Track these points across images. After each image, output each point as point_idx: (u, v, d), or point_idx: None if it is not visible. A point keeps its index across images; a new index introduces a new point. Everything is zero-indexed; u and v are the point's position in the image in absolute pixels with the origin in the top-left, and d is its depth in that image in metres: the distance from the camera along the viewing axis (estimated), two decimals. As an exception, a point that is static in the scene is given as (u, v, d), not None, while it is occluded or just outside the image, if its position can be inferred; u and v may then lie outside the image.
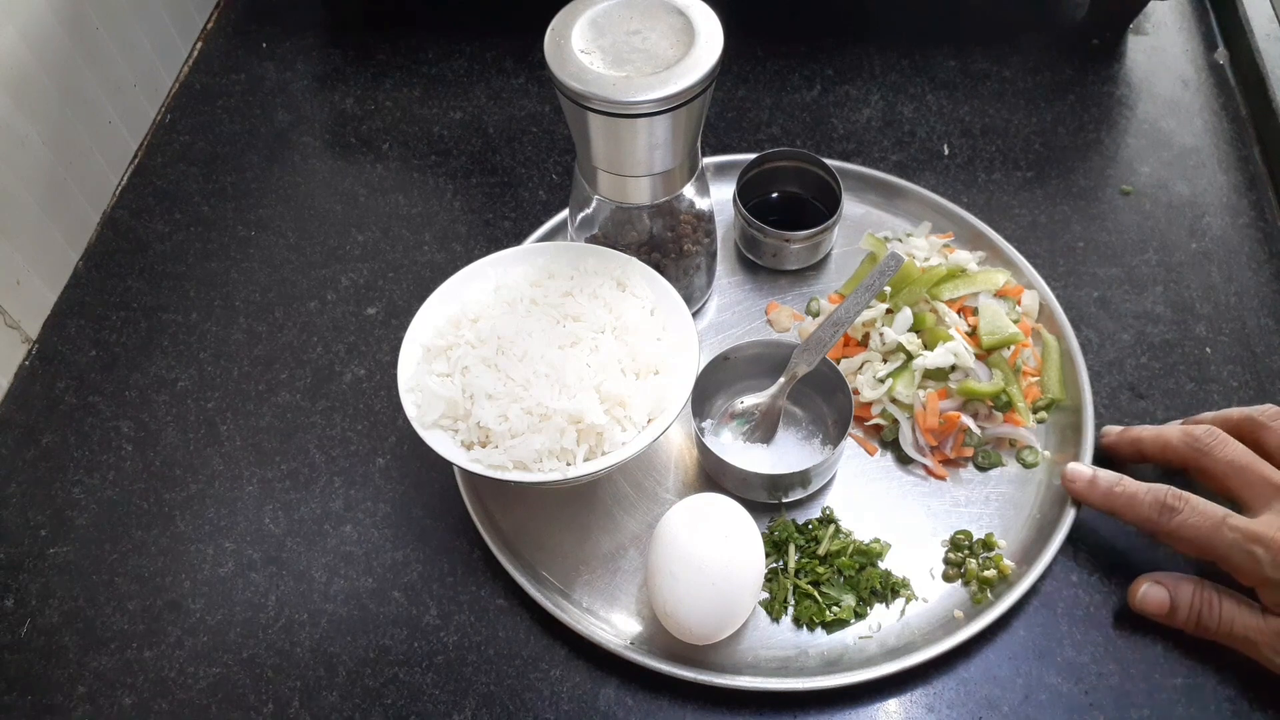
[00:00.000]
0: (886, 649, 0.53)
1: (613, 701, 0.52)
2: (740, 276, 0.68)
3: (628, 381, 0.53)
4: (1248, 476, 0.48)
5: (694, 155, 0.57)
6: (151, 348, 0.67)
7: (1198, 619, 0.50)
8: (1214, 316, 0.65)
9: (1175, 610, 0.50)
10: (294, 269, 0.71)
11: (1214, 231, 0.70)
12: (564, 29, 0.52)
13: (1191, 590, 0.50)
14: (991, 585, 0.54)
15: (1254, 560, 0.46)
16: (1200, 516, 0.48)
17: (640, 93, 0.50)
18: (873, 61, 0.82)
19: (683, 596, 0.49)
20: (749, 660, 0.53)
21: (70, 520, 0.60)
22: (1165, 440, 0.53)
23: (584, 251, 0.59)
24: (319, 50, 0.86)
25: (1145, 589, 0.51)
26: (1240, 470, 0.49)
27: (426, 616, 0.55)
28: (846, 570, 0.55)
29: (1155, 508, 0.49)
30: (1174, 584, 0.51)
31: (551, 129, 0.78)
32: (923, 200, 0.70)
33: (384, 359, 0.66)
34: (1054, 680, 0.52)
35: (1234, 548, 0.46)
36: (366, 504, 0.60)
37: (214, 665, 0.54)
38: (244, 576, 0.57)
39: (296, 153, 0.78)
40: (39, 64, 0.67)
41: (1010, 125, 0.77)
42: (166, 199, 0.76)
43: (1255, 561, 0.46)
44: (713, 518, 0.51)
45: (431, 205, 0.74)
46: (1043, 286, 0.64)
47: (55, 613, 0.56)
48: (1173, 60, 0.81)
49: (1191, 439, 0.51)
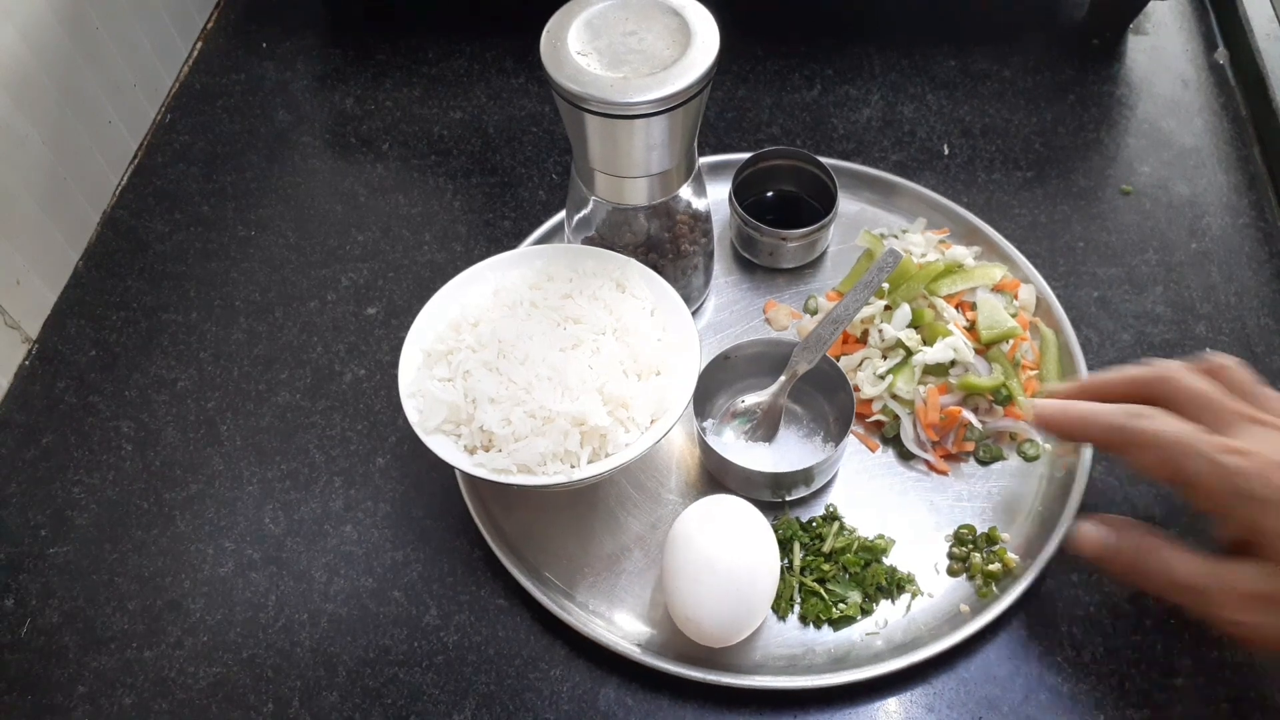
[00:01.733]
0: (893, 645, 0.53)
1: (613, 701, 0.52)
2: (737, 276, 0.68)
3: (630, 383, 0.53)
4: (1216, 407, 0.45)
5: (691, 156, 0.57)
6: (151, 348, 0.67)
7: (1136, 561, 0.46)
8: (1214, 316, 0.65)
9: (1116, 551, 0.46)
10: (294, 269, 0.71)
11: (1214, 231, 0.70)
12: (560, 31, 0.52)
13: (1134, 531, 0.47)
14: (996, 579, 0.54)
15: (1224, 474, 0.41)
16: (1173, 423, 0.44)
17: (637, 94, 0.50)
18: (873, 61, 0.82)
19: (704, 600, 0.49)
20: (756, 659, 0.53)
21: (70, 520, 0.60)
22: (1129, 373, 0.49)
23: (582, 253, 0.59)
24: (319, 50, 0.86)
25: (1085, 525, 0.48)
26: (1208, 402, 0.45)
27: (426, 616, 0.55)
28: (852, 567, 0.55)
29: (1126, 414, 0.45)
30: (1117, 524, 0.47)
31: (551, 129, 0.78)
32: (918, 197, 0.70)
33: (384, 359, 0.66)
34: (1054, 680, 0.52)
35: (1202, 458, 0.42)
36: (367, 504, 0.60)
37: (214, 665, 0.54)
38: (244, 576, 0.57)
39: (296, 153, 0.78)
40: (39, 64, 0.67)
41: (1010, 125, 0.77)
42: (166, 199, 0.76)
43: (1225, 475, 0.41)
44: (729, 520, 0.51)
45: (431, 205, 0.74)
46: (1040, 282, 0.65)
47: (55, 612, 0.56)
48: (1173, 60, 0.81)
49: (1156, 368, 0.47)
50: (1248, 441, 0.42)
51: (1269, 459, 0.41)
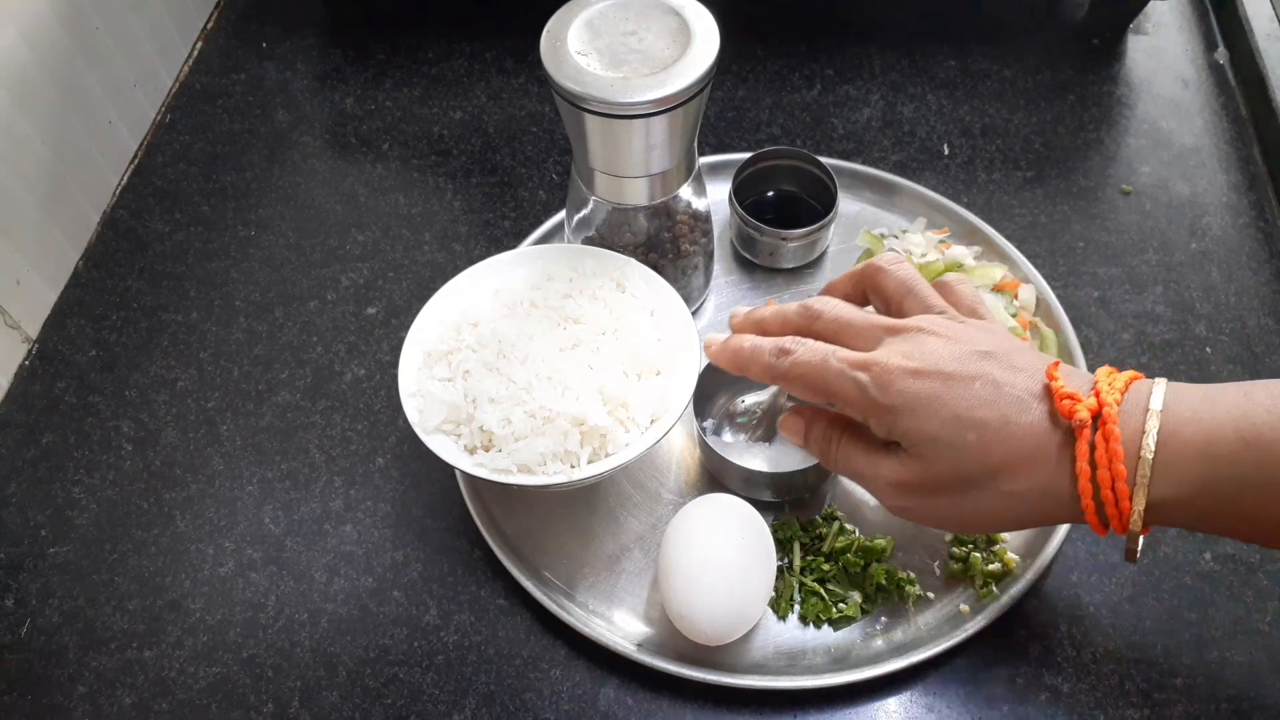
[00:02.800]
0: (893, 645, 0.53)
1: (613, 701, 0.52)
2: (737, 276, 0.68)
3: (630, 383, 0.53)
4: (857, 326, 0.47)
5: (691, 156, 0.57)
6: (151, 347, 0.67)
7: (823, 450, 0.49)
8: (1214, 316, 0.65)
9: (808, 439, 0.50)
10: (294, 269, 0.71)
11: (1214, 231, 0.70)
12: (560, 31, 0.52)
13: (824, 423, 0.49)
14: (996, 579, 0.54)
15: (860, 387, 0.44)
16: (811, 352, 0.47)
17: (637, 94, 0.50)
18: (873, 61, 0.82)
19: (699, 598, 0.49)
20: (756, 659, 0.53)
21: (70, 520, 0.60)
22: (784, 315, 0.51)
23: (582, 253, 0.59)
24: (319, 50, 0.86)
25: (785, 416, 0.51)
26: (849, 323, 0.47)
27: (427, 616, 0.55)
28: (852, 567, 0.55)
29: (774, 352, 0.48)
30: (812, 415, 0.50)
31: (551, 129, 0.78)
32: (918, 197, 0.70)
33: (384, 359, 0.66)
34: (1054, 680, 0.52)
35: (840, 376, 0.45)
36: (366, 503, 0.60)
37: (214, 665, 0.54)
38: (244, 576, 0.57)
39: (297, 152, 0.78)
40: (39, 64, 0.67)
41: (1010, 125, 0.77)
42: (166, 199, 0.76)
43: (861, 388, 0.44)
44: (725, 518, 0.51)
45: (431, 205, 0.74)
46: (1040, 282, 0.65)
47: (55, 612, 0.56)
48: (1173, 60, 0.81)
49: (804, 306, 0.49)
50: (880, 353, 0.45)
51: (889, 368, 0.44)
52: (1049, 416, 0.42)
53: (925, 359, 0.44)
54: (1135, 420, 0.41)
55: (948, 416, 0.43)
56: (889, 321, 0.47)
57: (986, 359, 0.44)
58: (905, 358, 0.44)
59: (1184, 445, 0.40)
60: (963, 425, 0.42)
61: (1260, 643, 0.52)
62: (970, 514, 0.45)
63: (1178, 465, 0.40)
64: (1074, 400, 0.42)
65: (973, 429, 0.42)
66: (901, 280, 0.49)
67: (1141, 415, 0.41)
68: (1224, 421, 0.40)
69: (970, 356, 0.44)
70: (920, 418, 0.43)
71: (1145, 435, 0.41)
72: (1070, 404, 0.41)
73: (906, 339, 0.45)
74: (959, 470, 0.43)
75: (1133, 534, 0.42)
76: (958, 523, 0.47)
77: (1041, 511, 0.44)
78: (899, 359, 0.44)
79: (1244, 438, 0.40)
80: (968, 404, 0.43)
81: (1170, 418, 0.41)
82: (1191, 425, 0.40)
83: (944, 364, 0.43)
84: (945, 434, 0.43)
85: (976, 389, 0.43)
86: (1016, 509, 0.44)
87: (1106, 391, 0.42)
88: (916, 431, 0.43)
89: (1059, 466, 0.42)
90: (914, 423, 0.43)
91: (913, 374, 0.43)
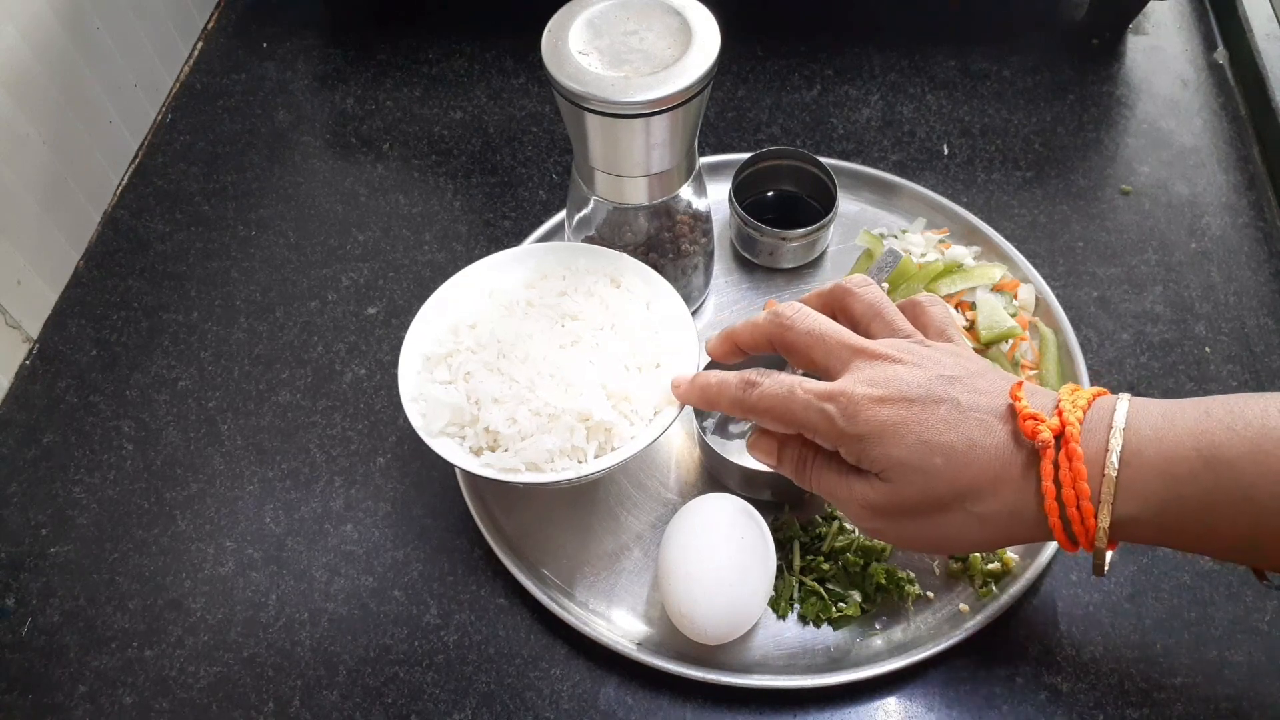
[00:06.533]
0: (893, 645, 0.53)
1: (613, 700, 0.52)
2: (737, 275, 0.68)
3: (631, 376, 0.54)
4: (828, 344, 0.47)
5: (691, 155, 0.57)
6: (152, 347, 0.67)
7: (797, 471, 0.49)
8: (1213, 316, 0.65)
9: (781, 460, 0.50)
10: (294, 268, 0.71)
11: (1214, 231, 0.70)
12: (561, 30, 0.52)
13: (797, 444, 0.49)
14: (996, 579, 0.54)
15: (828, 418, 0.45)
16: (777, 384, 0.47)
17: (638, 93, 0.50)
18: (873, 61, 0.82)
19: (699, 598, 0.49)
20: (756, 658, 0.53)
21: (71, 519, 0.60)
22: (754, 323, 0.51)
23: (575, 250, 0.59)
24: (319, 50, 0.86)
25: (756, 437, 0.51)
26: (820, 339, 0.47)
27: (427, 615, 0.55)
28: (851, 567, 0.55)
29: (740, 386, 0.48)
30: (784, 435, 0.50)
31: (551, 129, 0.79)
32: (918, 197, 0.70)
33: (384, 359, 0.66)
34: (1053, 679, 0.52)
35: (809, 409, 0.45)
36: (367, 503, 0.60)
37: (215, 664, 0.54)
38: (244, 576, 0.57)
39: (297, 152, 0.78)
40: (39, 64, 0.67)
41: (1010, 125, 0.77)
42: (167, 199, 0.76)
43: (829, 419, 0.44)
44: (725, 518, 0.51)
45: (432, 205, 0.74)
46: (1040, 282, 0.65)
47: (56, 612, 0.56)
48: (1172, 60, 0.81)
49: (776, 314, 0.49)
50: (845, 382, 0.45)
51: (855, 398, 0.44)
52: (1013, 437, 0.43)
53: (890, 386, 0.44)
54: (1098, 438, 0.41)
55: (914, 442, 0.43)
56: (858, 342, 0.47)
57: (950, 383, 0.44)
58: (870, 385, 0.44)
59: (1145, 465, 0.40)
60: (929, 450, 0.43)
61: (1259, 642, 0.52)
62: (941, 536, 0.45)
63: (1139, 484, 0.41)
64: (1037, 420, 0.42)
65: (939, 453, 0.43)
66: (870, 304, 0.49)
67: (1105, 432, 0.41)
68: (1184, 440, 0.40)
69: (934, 381, 0.44)
70: (888, 444, 0.43)
71: (1109, 453, 0.41)
72: (1033, 424, 0.42)
73: (873, 365, 0.45)
74: (928, 494, 0.43)
75: (1099, 550, 0.42)
76: (930, 544, 0.48)
77: (1012, 531, 0.44)
78: (864, 387, 0.44)
79: (1203, 456, 0.40)
80: (933, 428, 0.43)
81: (1132, 435, 0.41)
82: (1153, 445, 0.41)
83: (909, 390, 0.44)
84: (913, 459, 0.43)
85: (941, 413, 0.43)
86: (987, 530, 0.44)
87: (1069, 410, 0.42)
88: (885, 458, 0.44)
89: (1025, 487, 0.42)
90: (882, 449, 0.44)
91: (878, 401, 0.44)
